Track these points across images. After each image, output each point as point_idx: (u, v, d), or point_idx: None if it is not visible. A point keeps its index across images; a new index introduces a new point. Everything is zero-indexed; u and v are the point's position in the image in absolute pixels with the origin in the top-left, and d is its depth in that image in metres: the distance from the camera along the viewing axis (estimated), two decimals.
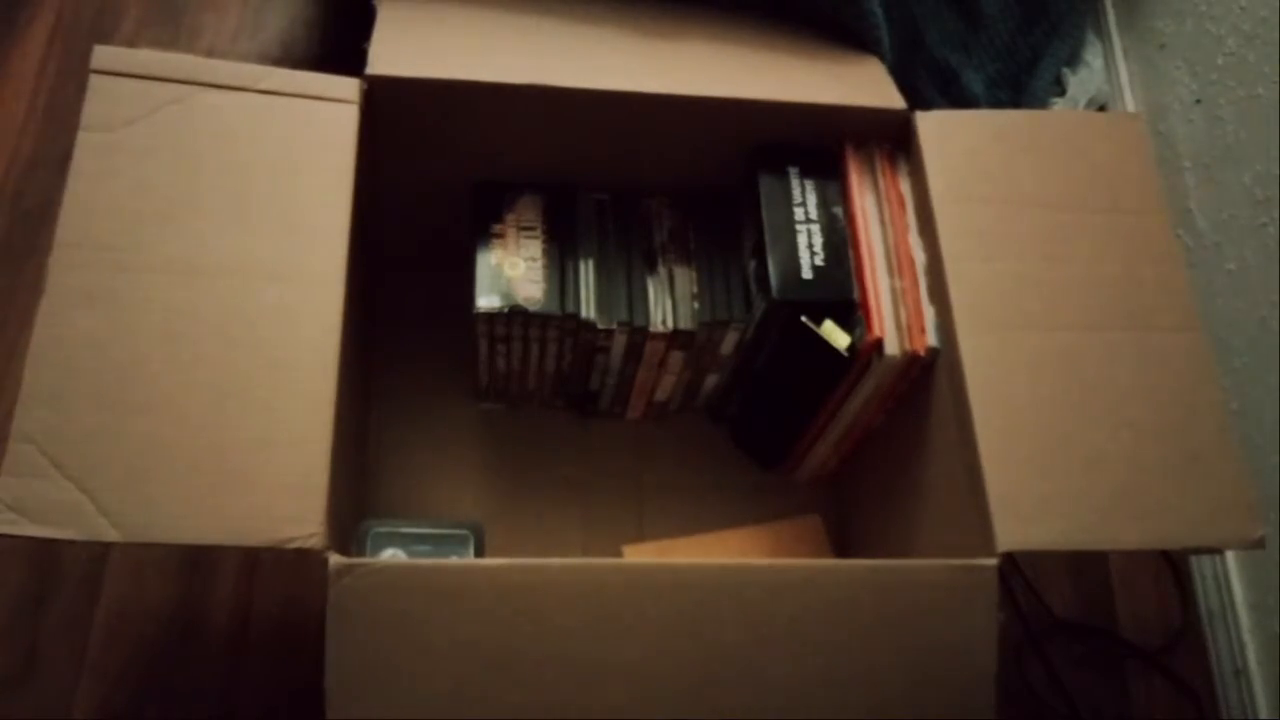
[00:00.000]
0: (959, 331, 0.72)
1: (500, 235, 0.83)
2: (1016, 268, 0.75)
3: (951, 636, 0.65)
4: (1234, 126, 1.08)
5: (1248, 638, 1.03)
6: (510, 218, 0.85)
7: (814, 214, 0.81)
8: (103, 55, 0.69)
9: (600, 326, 0.84)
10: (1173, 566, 1.08)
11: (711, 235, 0.88)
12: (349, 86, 0.72)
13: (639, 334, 0.85)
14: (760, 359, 0.87)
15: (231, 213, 0.67)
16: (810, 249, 0.80)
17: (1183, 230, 1.14)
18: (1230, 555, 1.06)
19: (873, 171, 0.82)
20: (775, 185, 0.82)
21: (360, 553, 0.77)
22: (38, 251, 1.00)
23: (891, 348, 0.76)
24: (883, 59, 0.90)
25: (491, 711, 0.61)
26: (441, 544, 0.79)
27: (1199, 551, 1.05)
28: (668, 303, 0.85)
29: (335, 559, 0.59)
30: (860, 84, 0.86)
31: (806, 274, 0.79)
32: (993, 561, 0.65)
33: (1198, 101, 1.14)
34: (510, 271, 0.82)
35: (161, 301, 0.64)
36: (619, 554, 0.94)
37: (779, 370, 0.86)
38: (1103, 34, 1.29)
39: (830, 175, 0.83)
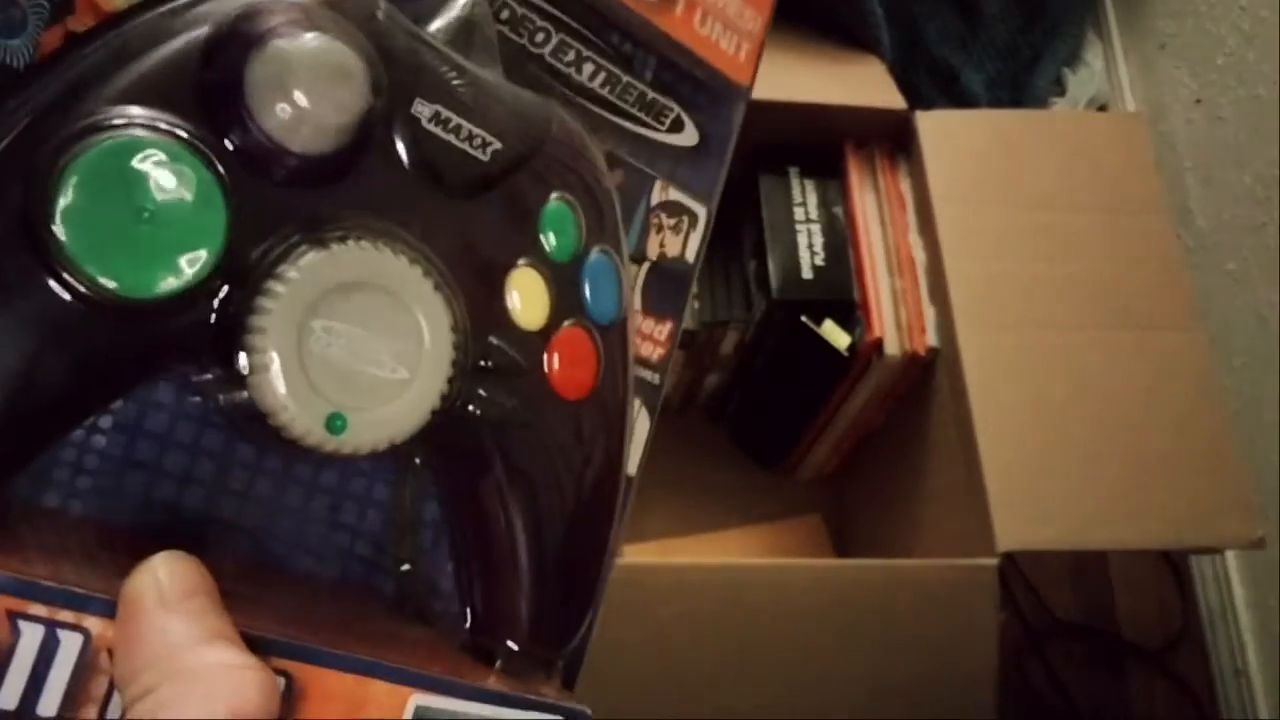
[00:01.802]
0: (959, 331, 0.72)
1: None
2: (1016, 268, 0.75)
3: (951, 636, 0.65)
4: (1234, 126, 1.08)
5: (1248, 638, 1.03)
6: None
7: (814, 214, 0.81)
8: None
9: None
10: (1173, 566, 1.08)
11: (711, 235, 0.88)
12: None
13: None
14: (760, 359, 0.87)
15: None
16: (810, 249, 0.80)
17: (1183, 230, 1.14)
18: (1230, 555, 1.06)
19: (873, 171, 0.82)
20: (775, 185, 0.82)
21: None
22: None
23: (891, 348, 0.76)
24: (883, 59, 0.90)
25: None
26: None
27: (1199, 551, 1.05)
28: None
29: None
30: (860, 84, 0.86)
31: (806, 274, 0.79)
32: (993, 561, 0.65)
33: (1198, 101, 1.14)
34: None
35: None
36: (619, 554, 0.94)
37: (779, 370, 0.86)
38: (1103, 34, 1.29)
39: (830, 175, 0.83)
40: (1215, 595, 1.06)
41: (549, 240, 0.27)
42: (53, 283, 0.20)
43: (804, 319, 0.79)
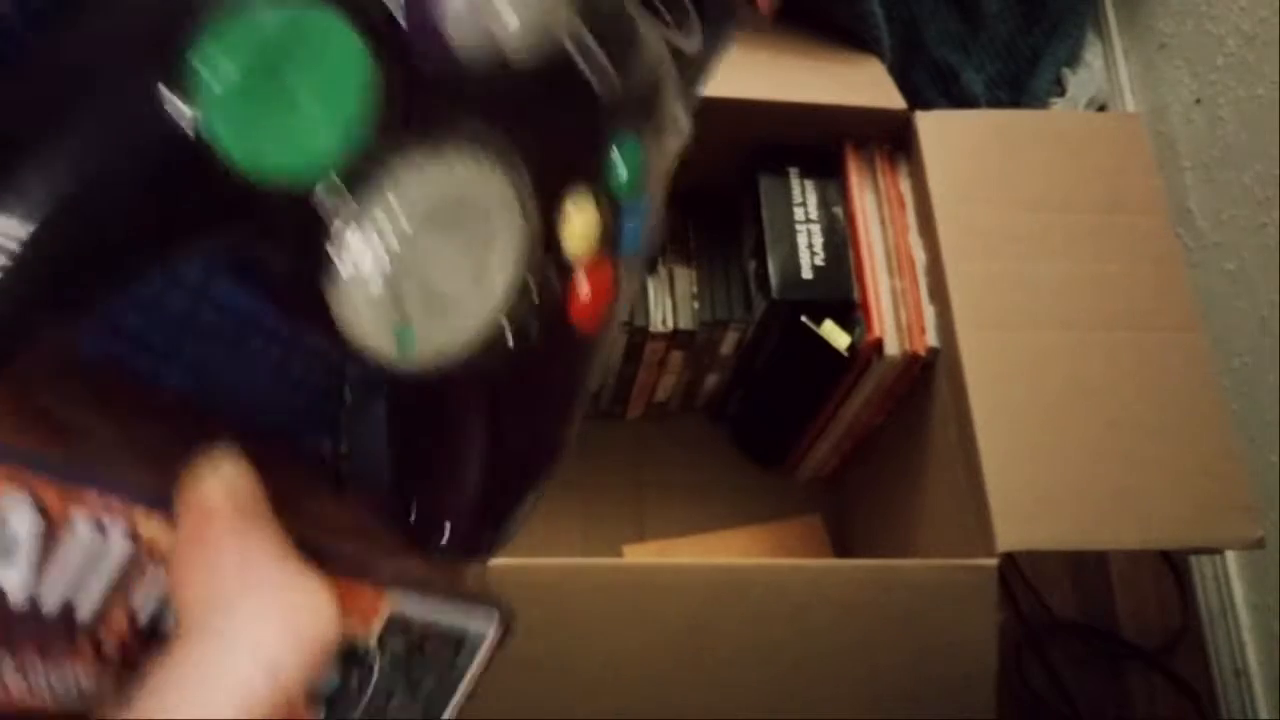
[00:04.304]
0: (959, 331, 0.73)
1: None
2: (1016, 268, 0.75)
3: (951, 636, 0.65)
4: (1234, 126, 1.08)
5: (1248, 638, 1.03)
6: None
7: (814, 214, 0.81)
8: None
9: None
10: (1173, 566, 1.08)
11: (711, 235, 0.88)
12: None
13: (639, 334, 0.85)
14: (760, 359, 0.87)
15: None
16: (810, 249, 0.80)
17: (1183, 230, 1.14)
18: (1230, 555, 1.06)
19: (873, 171, 0.82)
20: (775, 185, 0.82)
21: None
22: None
23: (891, 348, 0.76)
24: (883, 59, 0.90)
25: (489, 712, 0.61)
26: None
27: (1199, 551, 1.05)
28: (668, 303, 0.85)
29: None
30: (860, 84, 0.86)
31: (806, 274, 0.79)
32: (993, 561, 0.65)
33: (1198, 101, 1.14)
34: None
35: None
36: (619, 554, 0.94)
37: (779, 370, 0.86)
38: (1103, 34, 1.29)
39: (830, 175, 0.83)
40: (1215, 595, 1.07)
41: (619, 174, 0.27)
42: (170, 110, 0.19)
43: (804, 319, 0.79)
